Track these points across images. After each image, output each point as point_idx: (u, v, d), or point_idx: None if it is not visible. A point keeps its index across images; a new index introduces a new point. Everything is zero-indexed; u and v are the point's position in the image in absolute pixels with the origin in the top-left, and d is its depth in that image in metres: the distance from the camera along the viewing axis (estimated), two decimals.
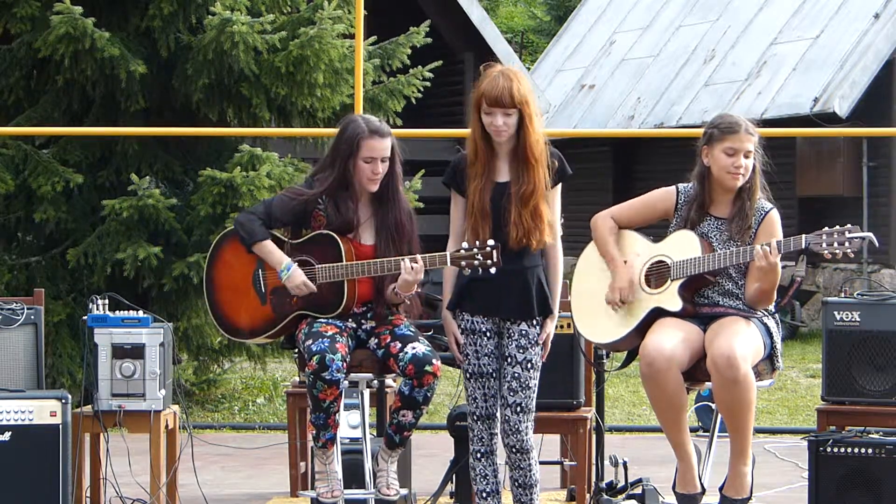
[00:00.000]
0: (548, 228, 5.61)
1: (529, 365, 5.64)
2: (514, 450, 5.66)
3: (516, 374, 5.63)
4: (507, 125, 5.58)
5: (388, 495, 5.93)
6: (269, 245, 5.95)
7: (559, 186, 5.72)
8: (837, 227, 5.53)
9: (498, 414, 5.68)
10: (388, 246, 5.91)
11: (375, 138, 5.91)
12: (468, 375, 5.71)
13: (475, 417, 5.71)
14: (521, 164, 5.62)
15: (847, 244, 5.49)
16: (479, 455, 5.74)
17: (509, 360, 5.65)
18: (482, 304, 5.67)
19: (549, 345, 5.71)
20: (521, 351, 5.63)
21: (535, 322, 5.66)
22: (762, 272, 5.60)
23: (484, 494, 5.74)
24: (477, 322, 5.68)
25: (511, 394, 5.63)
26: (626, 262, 5.85)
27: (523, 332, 5.65)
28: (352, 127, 5.97)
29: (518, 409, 5.62)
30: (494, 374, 5.68)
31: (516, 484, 5.73)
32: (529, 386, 5.64)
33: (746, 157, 5.75)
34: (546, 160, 5.64)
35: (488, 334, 5.68)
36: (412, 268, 5.73)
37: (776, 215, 5.81)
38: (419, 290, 5.92)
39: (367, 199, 5.99)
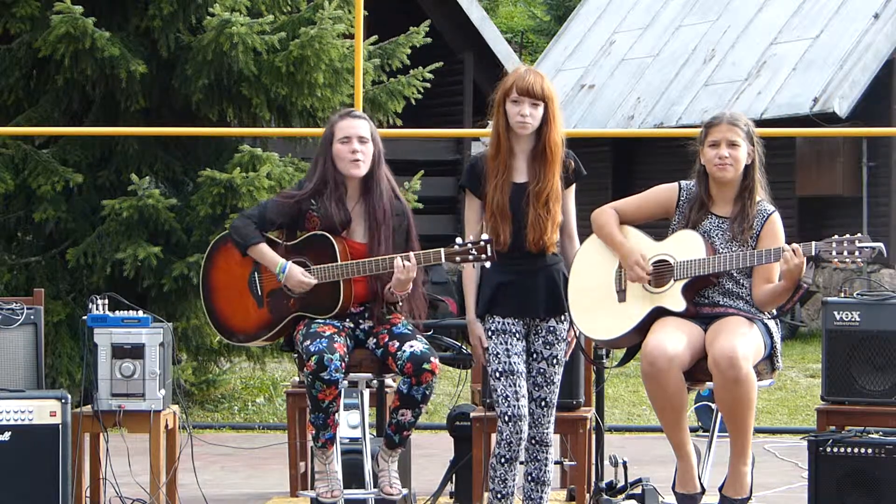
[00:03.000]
0: (557, 228, 5.66)
1: (555, 361, 5.71)
2: (533, 441, 5.71)
3: (542, 370, 5.70)
4: (534, 117, 5.62)
5: (392, 495, 5.93)
6: (263, 248, 5.94)
7: (573, 187, 5.78)
8: (847, 235, 5.51)
9: (526, 415, 5.65)
10: (379, 243, 5.89)
11: (347, 119, 5.96)
12: (497, 375, 5.65)
13: (506, 418, 5.62)
14: (539, 162, 5.66)
15: (857, 253, 5.47)
16: (503, 460, 5.67)
17: (535, 356, 5.70)
18: (515, 307, 5.68)
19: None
20: (547, 347, 5.70)
21: (563, 318, 5.72)
22: (790, 272, 5.56)
23: (499, 496, 5.72)
24: (508, 323, 5.69)
25: (536, 389, 5.70)
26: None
27: (551, 328, 5.71)
28: (328, 121, 6.05)
29: (542, 403, 5.70)
30: (524, 375, 5.68)
31: (530, 478, 5.74)
32: (554, 381, 5.73)
33: (732, 147, 5.73)
34: (562, 162, 5.69)
35: (518, 335, 5.69)
36: (405, 266, 5.73)
37: (778, 219, 5.79)
38: (424, 292, 5.92)
39: (357, 195, 5.97)
